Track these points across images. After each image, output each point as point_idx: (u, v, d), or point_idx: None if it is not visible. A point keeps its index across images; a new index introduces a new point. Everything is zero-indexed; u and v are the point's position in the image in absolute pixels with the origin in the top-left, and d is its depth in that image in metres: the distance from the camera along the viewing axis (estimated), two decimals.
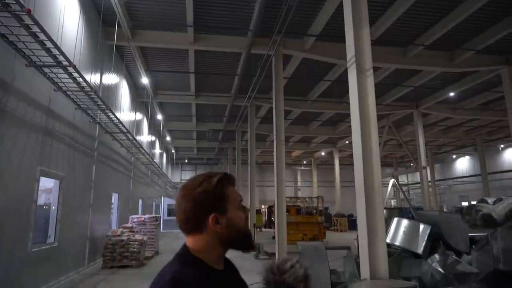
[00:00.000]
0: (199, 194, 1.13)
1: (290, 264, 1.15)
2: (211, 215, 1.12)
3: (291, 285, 1.13)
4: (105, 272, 10.12)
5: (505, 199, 10.43)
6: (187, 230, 1.15)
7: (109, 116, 10.38)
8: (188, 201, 1.13)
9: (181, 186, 1.20)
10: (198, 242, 1.13)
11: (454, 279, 5.78)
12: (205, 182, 1.15)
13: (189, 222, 1.13)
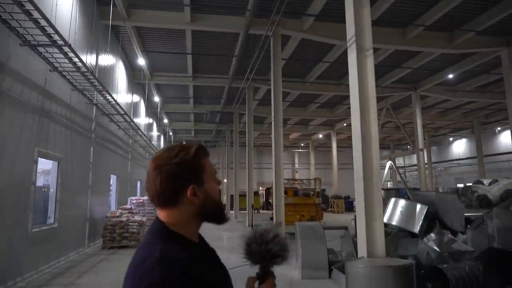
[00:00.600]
0: (177, 165, 1.06)
1: (273, 234, 1.11)
2: (190, 187, 1.06)
3: (277, 254, 1.10)
4: (105, 252, 10.25)
5: (501, 181, 10.57)
6: (162, 204, 1.07)
7: (106, 98, 10.29)
8: (164, 173, 1.05)
9: (154, 157, 1.10)
10: (174, 216, 1.07)
11: (449, 257, 5.89)
12: (181, 152, 1.08)
13: (164, 195, 1.05)
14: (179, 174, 1.05)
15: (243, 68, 15.62)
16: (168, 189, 1.05)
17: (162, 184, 1.04)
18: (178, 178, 1.05)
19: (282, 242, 1.11)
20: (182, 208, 1.07)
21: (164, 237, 1.03)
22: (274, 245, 1.10)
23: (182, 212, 1.07)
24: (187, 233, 1.08)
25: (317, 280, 6.90)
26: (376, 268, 5.30)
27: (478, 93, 20.16)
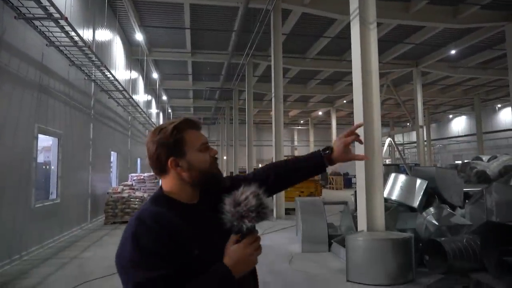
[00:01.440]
0: (158, 140, 1.21)
1: (245, 195, 1.11)
2: (170, 159, 1.20)
3: (243, 215, 1.09)
4: (108, 228, 10.40)
5: (500, 157, 10.64)
6: (156, 173, 1.25)
7: (105, 73, 10.16)
8: (151, 147, 1.22)
9: (149, 133, 1.31)
10: (167, 183, 1.24)
11: (447, 230, 6.00)
12: (164, 129, 1.22)
13: (154, 166, 1.23)
14: (161, 148, 1.21)
15: (243, 43, 15.36)
16: (155, 161, 1.22)
17: (151, 156, 1.23)
18: (160, 151, 1.21)
19: (251, 203, 1.09)
20: (172, 177, 1.23)
21: (156, 201, 1.20)
22: (243, 206, 1.09)
23: (173, 180, 1.23)
24: (181, 197, 1.22)
25: (317, 253, 7.04)
26: (375, 241, 5.41)
27: (480, 70, 19.94)
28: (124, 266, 1.04)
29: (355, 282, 5.25)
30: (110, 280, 5.46)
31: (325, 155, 1.46)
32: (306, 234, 7.35)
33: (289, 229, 9.63)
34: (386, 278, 5.17)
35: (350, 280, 5.32)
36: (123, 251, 1.06)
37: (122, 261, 1.05)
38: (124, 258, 1.05)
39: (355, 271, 5.35)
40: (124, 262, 1.05)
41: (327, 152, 1.46)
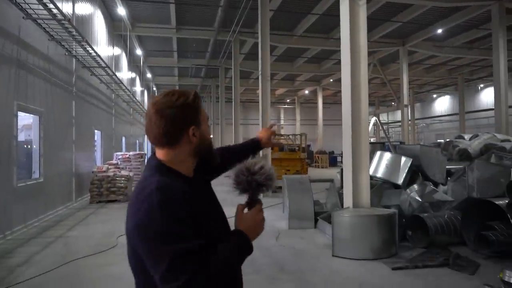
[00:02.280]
0: (180, 108, 1.16)
1: (259, 166, 1.22)
2: (191, 127, 1.18)
3: (262, 183, 1.21)
4: (93, 207, 10.31)
5: (481, 135, 10.86)
6: (164, 144, 1.18)
7: (86, 49, 9.81)
8: (168, 115, 1.15)
9: (153, 102, 1.19)
10: (172, 155, 1.18)
11: (430, 206, 6.17)
12: (182, 96, 1.18)
13: (167, 136, 1.16)
14: (182, 116, 1.16)
15: (229, 19, 15.00)
16: (172, 130, 1.16)
17: (167, 125, 1.15)
18: (181, 120, 1.16)
19: (268, 172, 1.23)
20: (180, 147, 1.19)
21: (161, 171, 1.16)
22: (260, 175, 1.21)
23: (179, 151, 1.19)
24: (182, 169, 1.20)
25: (304, 230, 7.17)
26: (361, 217, 5.52)
27: (465, 49, 20.10)
28: (155, 236, 1.01)
29: (340, 257, 5.38)
30: (97, 258, 5.45)
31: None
32: (292, 211, 7.45)
33: (276, 207, 9.75)
34: (370, 253, 5.32)
35: (336, 255, 5.45)
36: (151, 221, 1.01)
37: (151, 232, 1.01)
38: (154, 228, 1.01)
39: (340, 246, 5.48)
40: (154, 233, 1.01)
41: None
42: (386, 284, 4.43)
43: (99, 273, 4.87)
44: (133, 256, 1.11)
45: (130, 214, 1.10)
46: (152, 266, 1.01)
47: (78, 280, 4.67)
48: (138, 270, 1.13)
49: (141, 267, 1.08)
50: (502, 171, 6.11)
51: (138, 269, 1.13)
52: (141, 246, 1.03)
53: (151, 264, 1.02)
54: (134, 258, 1.12)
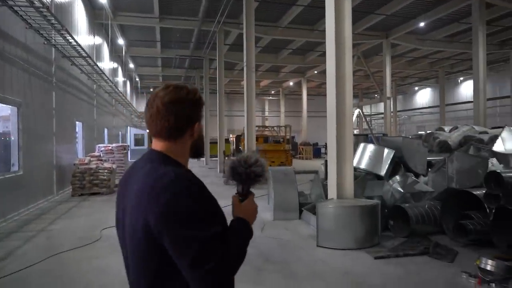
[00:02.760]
0: (190, 103, 1.21)
1: (255, 159, 1.29)
2: (196, 123, 1.25)
3: (260, 175, 1.28)
4: (76, 200, 10.14)
5: (460, 127, 11.15)
6: (168, 137, 1.21)
7: (66, 38, 9.54)
8: (178, 110, 1.18)
9: (161, 95, 1.20)
10: (173, 147, 1.22)
11: (411, 197, 6.33)
12: (191, 93, 1.23)
13: (174, 129, 1.20)
14: (190, 112, 1.22)
15: (214, 9, 14.80)
16: (179, 125, 1.20)
17: (176, 119, 1.18)
18: (189, 115, 1.22)
19: (262, 165, 1.30)
20: (182, 141, 1.23)
21: (169, 162, 1.18)
22: (257, 167, 1.28)
23: (181, 145, 1.23)
24: (182, 161, 1.24)
25: (288, 221, 7.25)
26: (345, 208, 5.62)
27: (446, 43, 20.48)
28: (185, 223, 1.05)
29: (325, 247, 5.48)
30: (81, 252, 5.39)
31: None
32: (277, 202, 7.51)
33: (261, 198, 9.78)
34: (354, 243, 5.44)
35: (320, 245, 5.55)
36: (179, 208, 1.05)
37: (180, 218, 1.05)
38: (183, 215, 1.05)
39: (325, 236, 5.58)
40: (184, 219, 1.05)
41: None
42: (369, 272, 4.55)
43: (84, 266, 4.82)
44: (149, 250, 1.10)
45: (147, 205, 1.08)
46: (181, 251, 1.05)
47: (62, 273, 4.61)
48: (151, 269, 1.12)
49: (156, 265, 1.10)
50: (480, 162, 6.32)
51: (151, 267, 1.12)
52: (169, 233, 1.05)
53: (179, 249, 1.05)
54: (148, 254, 1.11)
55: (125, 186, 1.25)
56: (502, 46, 20.91)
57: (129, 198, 1.17)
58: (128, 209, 1.17)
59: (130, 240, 1.16)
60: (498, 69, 26.02)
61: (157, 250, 1.08)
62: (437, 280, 4.28)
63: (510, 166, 6.04)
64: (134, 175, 1.22)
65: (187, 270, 1.05)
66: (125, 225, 1.20)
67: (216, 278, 1.05)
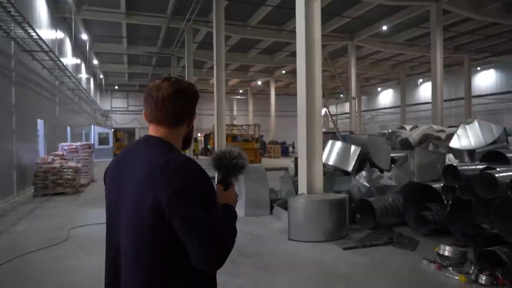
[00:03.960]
0: (193, 95, 1.34)
1: (238, 152, 1.39)
2: (194, 115, 1.37)
3: (243, 166, 1.38)
4: (38, 200, 9.72)
5: (420, 126, 11.82)
6: (173, 124, 1.29)
7: (27, 31, 9.13)
8: (186, 98, 1.30)
9: (166, 85, 1.28)
10: (173, 135, 1.30)
11: (376, 191, 6.66)
12: (191, 86, 1.35)
13: (180, 116, 1.30)
14: (193, 103, 1.34)
15: (183, 6, 14.66)
16: (183, 113, 1.30)
17: (181, 107, 1.29)
18: (192, 106, 1.34)
19: (245, 158, 1.41)
20: (178, 130, 1.32)
21: (175, 149, 1.28)
22: (242, 159, 1.38)
23: (178, 134, 1.33)
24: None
25: (260, 217, 7.38)
26: (315, 202, 5.84)
27: (406, 46, 21.51)
28: (198, 202, 1.14)
29: (296, 240, 5.66)
30: (49, 252, 5.22)
31: None
32: (249, 198, 7.62)
33: None
34: (323, 235, 5.66)
35: (292, 238, 5.73)
36: (192, 188, 1.14)
37: (194, 197, 1.13)
38: (197, 195, 1.14)
39: (296, 230, 5.76)
40: (197, 199, 1.14)
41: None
42: (338, 262, 4.77)
43: (53, 266, 4.69)
44: (153, 230, 1.14)
45: (159, 184, 1.12)
46: (192, 228, 1.11)
47: (30, 274, 4.46)
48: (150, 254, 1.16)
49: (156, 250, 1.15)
50: (438, 157, 6.76)
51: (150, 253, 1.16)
52: (181, 211, 1.11)
53: (190, 227, 1.11)
54: (152, 235, 1.15)
55: (117, 170, 1.30)
56: (457, 51, 22.27)
57: (128, 180, 1.21)
58: (128, 191, 1.20)
59: (130, 222, 1.18)
60: (453, 72, 27.64)
61: (162, 230, 1.13)
62: (401, 267, 4.57)
63: (464, 160, 6.52)
64: (130, 159, 1.27)
65: (195, 247, 1.13)
66: (120, 208, 1.22)
67: (222, 253, 1.15)
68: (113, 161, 1.37)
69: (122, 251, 1.22)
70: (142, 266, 1.16)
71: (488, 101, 26.23)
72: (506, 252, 4.00)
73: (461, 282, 3.99)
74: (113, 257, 1.26)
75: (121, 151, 1.38)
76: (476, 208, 4.71)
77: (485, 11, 15.23)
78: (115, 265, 1.24)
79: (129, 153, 1.31)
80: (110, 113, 36.27)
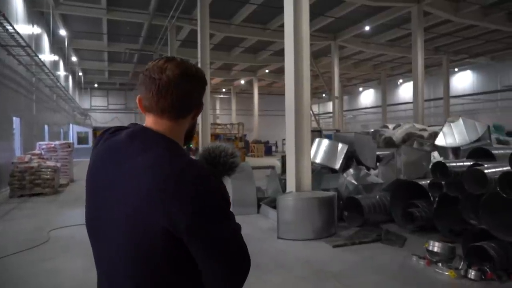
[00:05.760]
0: (203, 81, 1.09)
1: (232, 150, 1.23)
2: (202, 106, 1.13)
3: (236, 165, 1.23)
4: (15, 201, 9.32)
5: (403, 125, 11.99)
6: (179, 115, 1.05)
7: (2, 24, 8.75)
8: (196, 84, 1.06)
9: (172, 66, 1.02)
10: (177, 130, 1.07)
11: (363, 188, 6.68)
12: (200, 71, 1.09)
13: (188, 106, 1.07)
14: (202, 91, 1.09)
15: (166, 3, 14.41)
16: (194, 100, 1.07)
17: (192, 94, 1.05)
18: (200, 95, 1.09)
19: (237, 155, 1.24)
20: (184, 124, 1.10)
21: (183, 152, 1.05)
22: (233, 158, 1.21)
23: (181, 129, 1.10)
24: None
25: (247, 216, 7.30)
26: (304, 200, 5.80)
27: (388, 47, 21.87)
28: (218, 218, 0.98)
29: (285, 239, 5.61)
30: (28, 255, 4.98)
31: None
32: (236, 197, 7.51)
33: None
34: (312, 233, 5.62)
35: (281, 237, 5.67)
36: (213, 204, 0.96)
37: (214, 216, 0.96)
38: (217, 210, 0.98)
39: (285, 228, 5.71)
40: (217, 215, 0.98)
41: None
42: (329, 260, 4.74)
43: (32, 269, 4.47)
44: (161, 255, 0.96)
45: (172, 204, 0.92)
46: (217, 251, 0.97)
47: (7, 278, 4.23)
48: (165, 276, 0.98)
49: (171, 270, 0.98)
50: (424, 155, 6.85)
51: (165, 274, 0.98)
52: (205, 233, 0.95)
53: (215, 249, 0.97)
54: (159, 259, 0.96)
55: (104, 171, 1.04)
56: (436, 52, 22.81)
57: (121, 190, 0.98)
58: (122, 198, 0.98)
59: (128, 240, 0.97)
60: (431, 72, 28.30)
61: (177, 256, 0.97)
62: (391, 263, 4.58)
63: (449, 158, 6.63)
64: (122, 159, 1.01)
65: (218, 271, 0.98)
66: (107, 217, 1.01)
67: (246, 271, 1.03)
68: (97, 159, 1.09)
69: (107, 269, 1.04)
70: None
71: (465, 102, 27.00)
72: (494, 247, 4.06)
73: (451, 277, 4.03)
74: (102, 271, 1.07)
75: (104, 144, 1.08)
76: (463, 204, 4.77)
77: (463, 14, 15.63)
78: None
79: (120, 150, 1.03)
80: (90, 112, 35.40)
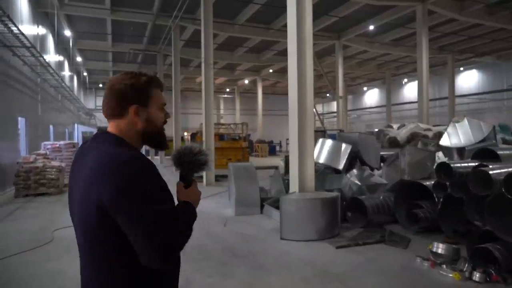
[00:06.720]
0: (131, 83, 1.28)
1: (199, 148, 1.39)
2: (133, 105, 1.28)
3: (205, 163, 1.38)
4: (20, 201, 9.39)
5: (407, 125, 11.91)
6: (111, 115, 1.29)
7: (8, 25, 8.79)
8: (120, 86, 1.27)
9: (111, 78, 1.33)
10: (120, 127, 1.28)
11: (367, 189, 6.64)
12: (138, 76, 1.30)
13: (115, 105, 1.28)
14: (126, 93, 1.27)
15: (169, 3, 14.43)
16: (115, 103, 1.28)
17: (113, 99, 1.28)
18: (124, 95, 1.27)
19: (207, 153, 1.40)
20: (124, 122, 1.28)
21: (125, 145, 1.25)
22: (203, 155, 1.38)
23: (125, 126, 1.28)
24: (133, 143, 1.30)
25: (250, 216, 7.29)
26: (307, 200, 5.78)
27: (392, 46, 21.75)
28: (141, 198, 1.13)
29: (288, 239, 5.59)
30: (32, 255, 5.01)
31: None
32: (239, 198, 7.52)
33: (220, 195, 9.76)
34: (315, 234, 5.60)
35: (284, 237, 5.65)
36: (135, 185, 1.13)
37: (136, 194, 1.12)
38: (140, 191, 1.13)
39: (288, 229, 5.69)
40: (140, 195, 1.13)
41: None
42: (332, 261, 4.71)
43: (36, 269, 4.49)
44: (100, 228, 1.15)
45: (102, 181, 1.13)
46: (136, 224, 1.11)
47: (10, 278, 4.25)
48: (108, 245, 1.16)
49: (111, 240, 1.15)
50: (428, 155, 6.80)
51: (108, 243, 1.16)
52: (123, 206, 1.11)
53: (134, 222, 1.11)
54: (101, 233, 1.15)
55: (75, 166, 1.30)
56: (441, 51, 22.65)
57: (81, 176, 1.21)
58: (79, 188, 1.21)
59: (81, 219, 1.20)
60: (437, 72, 28.12)
61: (109, 226, 1.13)
62: (395, 265, 4.54)
63: (454, 158, 6.57)
64: (84, 156, 1.27)
65: (138, 243, 1.12)
66: (75, 205, 1.24)
67: (166, 250, 1.13)
68: (75, 154, 1.38)
69: (78, 246, 1.26)
70: (94, 262, 1.20)
71: (470, 101, 26.80)
72: (499, 249, 4.01)
73: (455, 279, 3.99)
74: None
75: (80, 148, 1.36)
76: (468, 205, 4.72)
77: (468, 13, 15.50)
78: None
79: (86, 148, 1.31)
80: (94, 112, 35.55)
